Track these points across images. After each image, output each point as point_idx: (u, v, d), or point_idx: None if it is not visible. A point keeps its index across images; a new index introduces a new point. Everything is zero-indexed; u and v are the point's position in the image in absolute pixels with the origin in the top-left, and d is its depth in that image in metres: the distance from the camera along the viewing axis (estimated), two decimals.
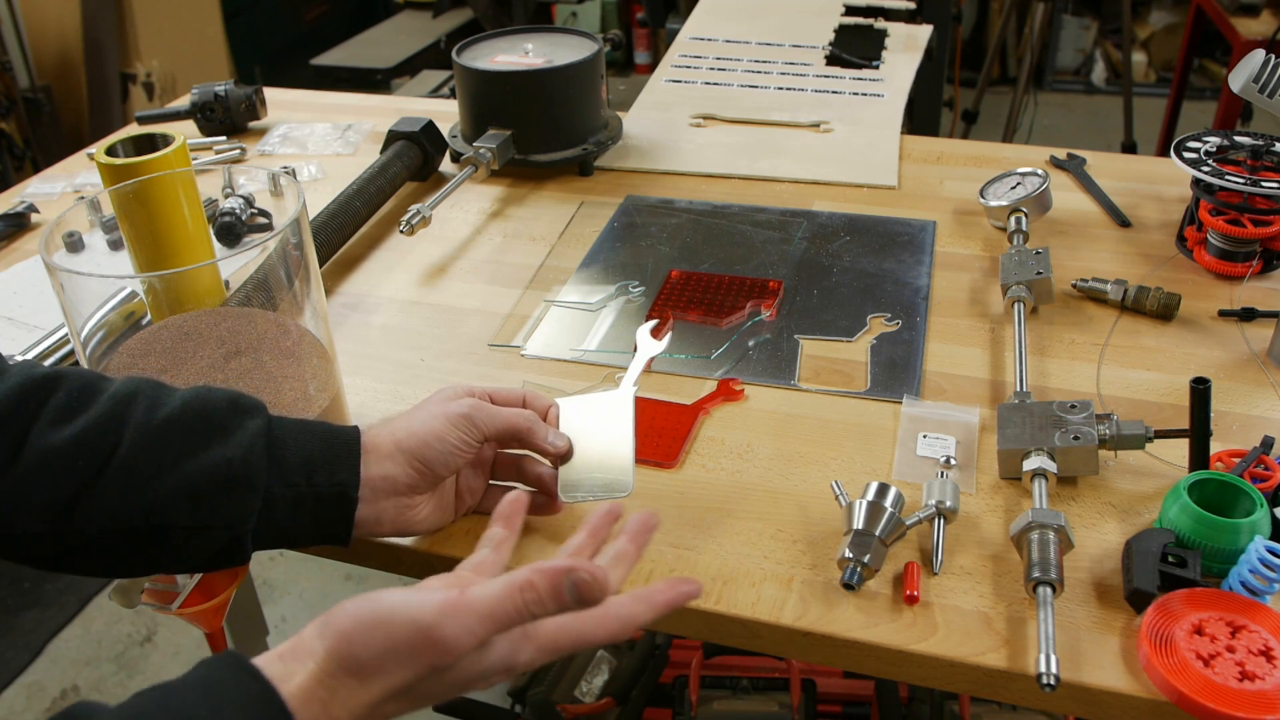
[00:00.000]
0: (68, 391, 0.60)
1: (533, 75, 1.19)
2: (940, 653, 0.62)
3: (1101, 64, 4.24)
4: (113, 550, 0.60)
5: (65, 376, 0.60)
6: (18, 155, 2.88)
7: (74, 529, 0.58)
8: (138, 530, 0.59)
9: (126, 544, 0.59)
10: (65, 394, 0.59)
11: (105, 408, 0.59)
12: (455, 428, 0.66)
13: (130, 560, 0.61)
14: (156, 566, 0.62)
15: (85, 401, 0.59)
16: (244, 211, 1.07)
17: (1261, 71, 0.95)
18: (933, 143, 1.31)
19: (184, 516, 0.59)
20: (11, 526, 0.57)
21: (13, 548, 0.59)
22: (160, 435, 0.59)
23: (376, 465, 0.65)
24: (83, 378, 0.61)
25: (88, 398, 0.60)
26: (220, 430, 0.60)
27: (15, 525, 0.57)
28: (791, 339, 0.92)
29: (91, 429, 0.58)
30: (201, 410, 0.61)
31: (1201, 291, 0.97)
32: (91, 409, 0.59)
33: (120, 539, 0.59)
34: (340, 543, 0.66)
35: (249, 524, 0.60)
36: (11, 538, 0.58)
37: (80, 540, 0.59)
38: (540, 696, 1.55)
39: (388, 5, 3.87)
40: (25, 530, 0.58)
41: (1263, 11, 2.48)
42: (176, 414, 0.60)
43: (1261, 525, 0.64)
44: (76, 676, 1.86)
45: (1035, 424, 0.75)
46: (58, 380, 0.60)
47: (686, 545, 0.71)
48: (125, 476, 0.58)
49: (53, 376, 0.60)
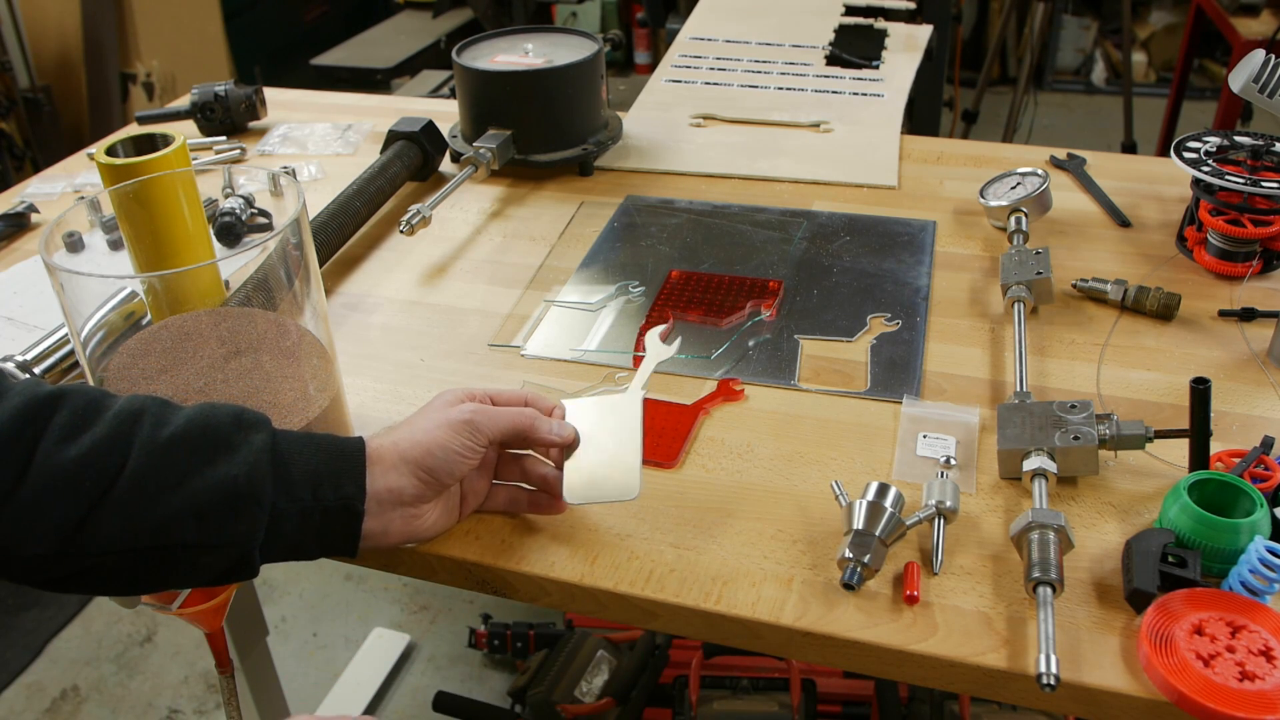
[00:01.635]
0: (72, 410, 0.59)
1: (533, 75, 1.19)
2: (940, 653, 0.62)
3: (1101, 64, 4.24)
4: (121, 570, 0.60)
5: (69, 394, 0.60)
6: (18, 155, 2.88)
7: (82, 550, 0.58)
8: (146, 549, 0.59)
9: (135, 563, 0.59)
10: (69, 412, 0.59)
11: (110, 426, 0.59)
12: (458, 435, 0.66)
13: (140, 578, 0.61)
14: (168, 584, 0.62)
15: (90, 420, 0.59)
16: (244, 211, 1.07)
17: (1261, 71, 0.95)
18: (933, 143, 1.31)
19: (191, 535, 0.59)
20: (19, 548, 0.57)
21: (20, 570, 0.59)
22: (166, 453, 0.59)
23: (382, 478, 0.65)
24: (86, 395, 0.61)
25: (92, 416, 0.59)
26: (225, 447, 0.60)
27: (23, 547, 0.57)
28: (791, 339, 0.92)
29: (97, 448, 0.58)
30: (206, 427, 0.60)
31: (1201, 291, 0.97)
32: (96, 427, 0.59)
33: (128, 558, 0.59)
34: (348, 555, 0.66)
35: (256, 540, 0.60)
36: (19, 560, 0.58)
37: (88, 561, 0.58)
38: (540, 696, 1.55)
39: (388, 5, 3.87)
40: (33, 552, 0.57)
41: (1263, 11, 2.48)
42: (181, 432, 0.60)
43: (1261, 525, 0.64)
44: (76, 676, 1.86)
45: (1035, 424, 0.75)
46: (61, 399, 0.60)
47: (686, 545, 0.71)
48: (132, 496, 0.58)
49: (56, 395, 0.60)
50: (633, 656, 1.60)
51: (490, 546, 0.71)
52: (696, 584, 0.68)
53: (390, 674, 1.84)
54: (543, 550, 0.71)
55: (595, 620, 1.74)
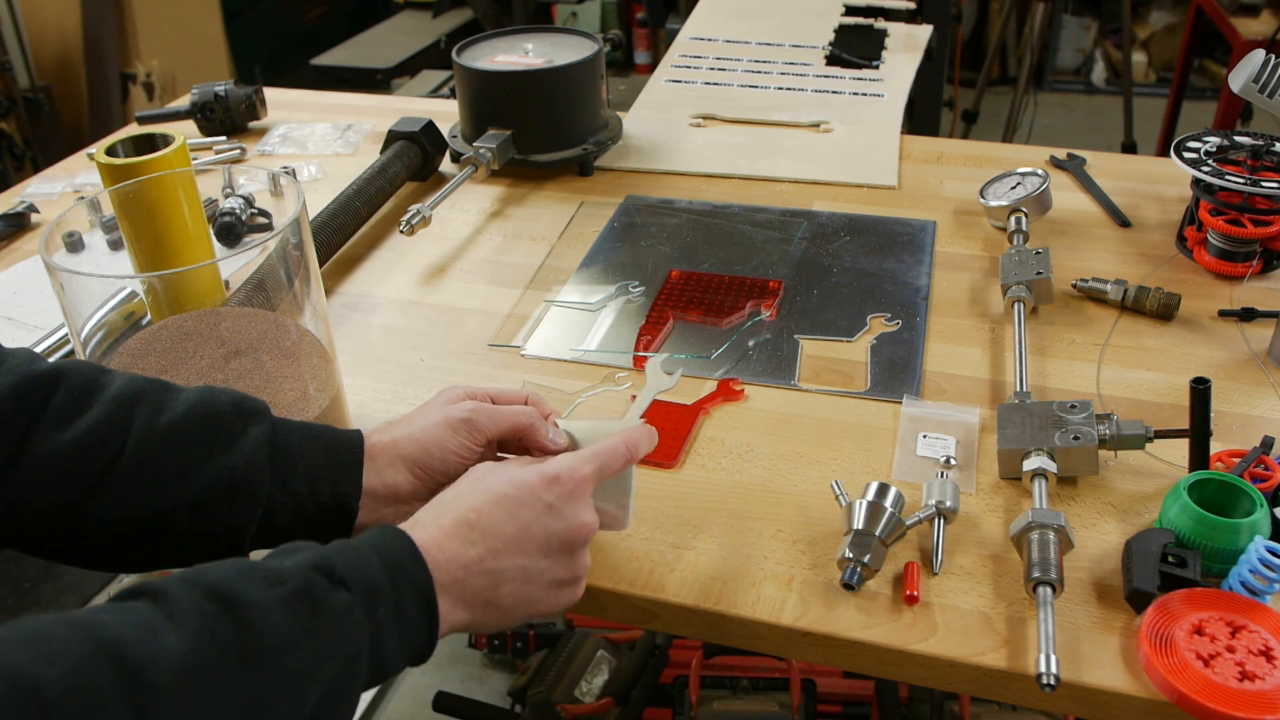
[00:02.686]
0: (68, 390, 0.59)
1: (533, 75, 1.19)
2: (940, 653, 0.62)
3: (1101, 64, 4.24)
4: (115, 549, 0.60)
5: (65, 373, 0.60)
6: (18, 155, 2.88)
7: (75, 530, 0.58)
8: (139, 533, 0.59)
9: (128, 543, 0.59)
10: (66, 393, 0.59)
11: (108, 410, 0.59)
12: (456, 433, 0.66)
13: (132, 557, 0.61)
14: (156, 563, 0.63)
15: (87, 402, 0.59)
16: (244, 211, 1.07)
17: (1261, 71, 0.95)
18: (933, 143, 1.31)
19: (185, 523, 0.59)
20: (14, 525, 0.57)
21: (15, 542, 0.59)
22: (164, 442, 0.59)
23: (379, 474, 0.65)
24: (83, 374, 0.60)
25: (89, 397, 0.59)
26: (224, 436, 0.60)
27: (18, 524, 0.57)
28: (791, 339, 0.92)
29: (94, 433, 0.58)
30: (205, 415, 0.60)
31: (1201, 291, 0.97)
32: (93, 410, 0.58)
33: (122, 540, 0.59)
34: None
35: (249, 530, 0.60)
36: (13, 534, 0.58)
37: (81, 542, 0.59)
38: (540, 696, 1.55)
39: (388, 5, 3.87)
40: (28, 530, 0.58)
41: (1263, 11, 2.48)
42: (180, 420, 0.60)
43: (1261, 525, 0.64)
44: None
45: (1035, 424, 0.75)
46: (58, 377, 0.59)
47: (686, 545, 0.71)
48: (128, 482, 0.58)
49: (52, 373, 0.59)
50: (633, 656, 1.60)
51: None
52: (696, 584, 0.68)
53: None
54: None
55: (595, 620, 1.74)
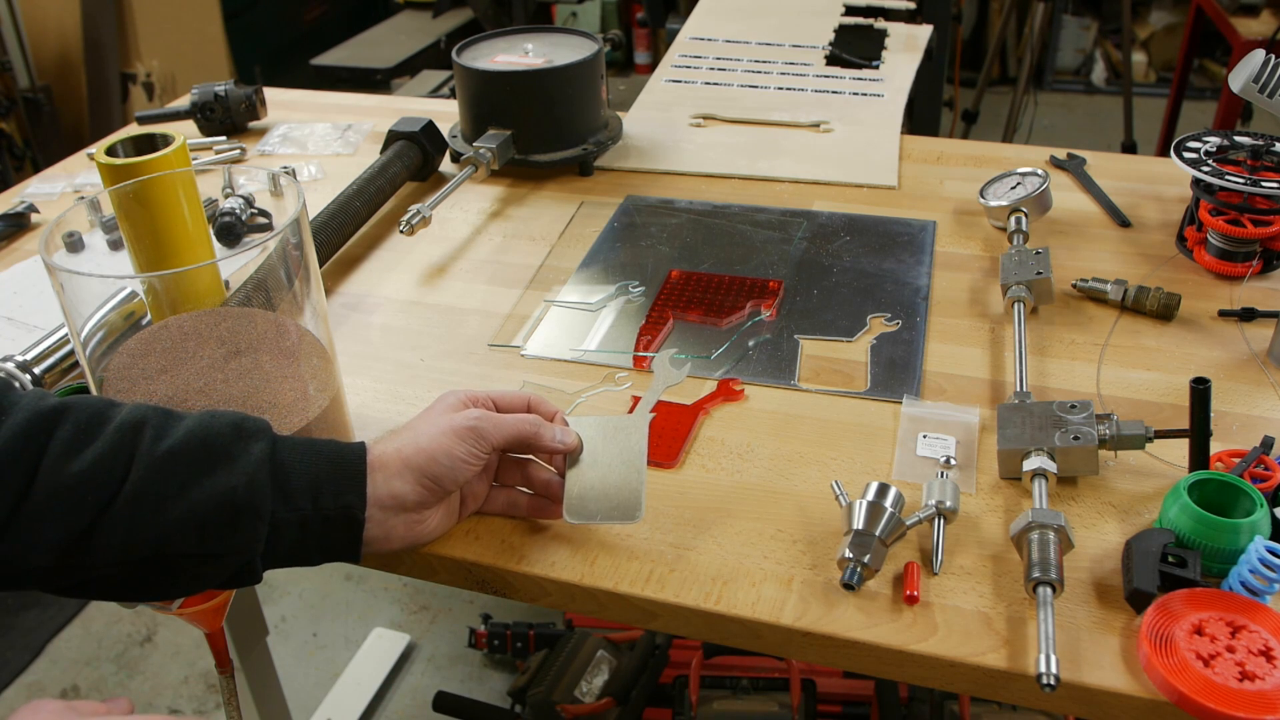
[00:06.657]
0: (75, 424, 0.59)
1: (533, 75, 1.19)
2: (940, 653, 0.62)
3: (1101, 64, 4.24)
4: (126, 580, 0.60)
5: (72, 408, 0.60)
6: (18, 155, 2.88)
7: (85, 562, 0.58)
8: (148, 560, 0.59)
9: (139, 573, 0.60)
10: (73, 426, 0.59)
11: (112, 440, 0.59)
12: (463, 441, 0.66)
13: (145, 587, 0.61)
14: (172, 592, 0.63)
15: (93, 434, 0.59)
16: (244, 211, 1.07)
17: (1261, 71, 0.95)
18: (933, 143, 1.31)
19: (193, 545, 0.59)
20: (24, 562, 0.57)
21: (23, 582, 0.59)
22: (165, 465, 0.59)
23: (384, 484, 0.65)
24: (90, 408, 0.61)
25: (95, 429, 0.59)
26: (225, 457, 0.60)
27: (27, 561, 0.57)
28: (791, 339, 0.92)
29: (99, 462, 0.58)
30: (205, 437, 0.60)
31: (1201, 291, 0.97)
32: (99, 441, 0.59)
33: (132, 569, 0.59)
34: (351, 560, 0.66)
35: (257, 549, 0.61)
36: (24, 572, 0.58)
37: (92, 573, 0.59)
38: (540, 696, 1.55)
39: (388, 5, 3.87)
40: (37, 565, 0.58)
41: (1263, 11, 2.48)
42: (181, 443, 0.60)
43: (1261, 525, 0.64)
44: (76, 676, 1.86)
45: (1035, 424, 0.75)
46: (64, 412, 0.60)
47: (686, 545, 0.71)
48: (133, 508, 0.58)
49: (60, 409, 0.60)
50: (633, 656, 1.60)
51: (490, 547, 0.71)
52: (696, 584, 0.68)
53: (390, 674, 1.84)
54: (543, 550, 0.71)
55: (595, 620, 1.74)
